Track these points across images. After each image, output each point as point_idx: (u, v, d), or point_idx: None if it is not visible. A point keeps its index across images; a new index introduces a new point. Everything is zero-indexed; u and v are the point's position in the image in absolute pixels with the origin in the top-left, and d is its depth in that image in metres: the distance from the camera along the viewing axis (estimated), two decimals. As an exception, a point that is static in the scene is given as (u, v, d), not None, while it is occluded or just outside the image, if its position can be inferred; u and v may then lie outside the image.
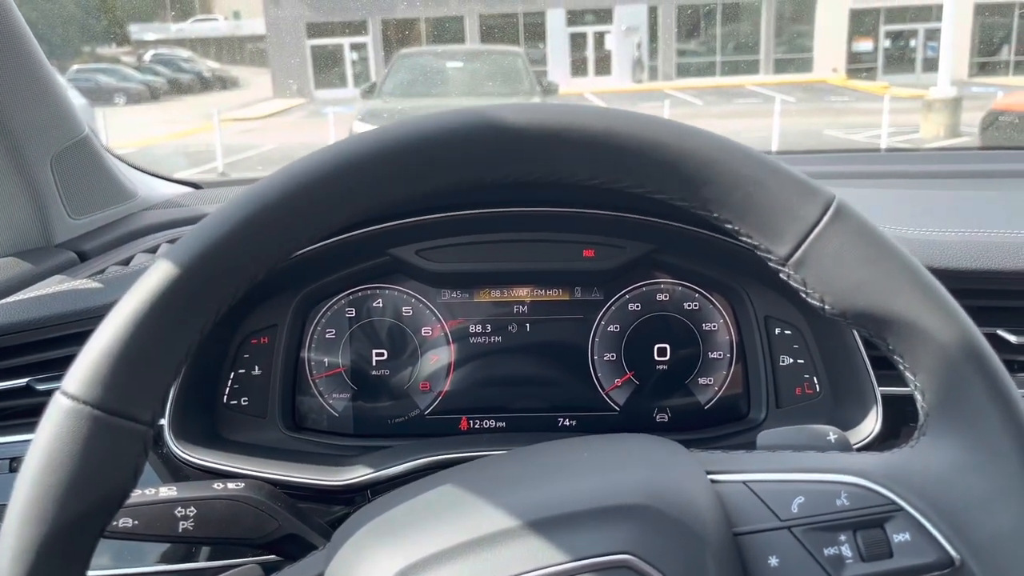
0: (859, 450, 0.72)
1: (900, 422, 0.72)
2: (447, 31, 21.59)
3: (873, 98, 13.23)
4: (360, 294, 0.92)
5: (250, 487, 0.66)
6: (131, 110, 15.35)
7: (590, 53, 21.50)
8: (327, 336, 0.92)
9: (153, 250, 0.99)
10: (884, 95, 11.32)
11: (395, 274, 0.91)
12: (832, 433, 0.51)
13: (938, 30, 12.48)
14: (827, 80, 18.74)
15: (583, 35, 21.50)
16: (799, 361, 0.83)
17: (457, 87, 7.72)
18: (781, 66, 20.77)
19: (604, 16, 21.29)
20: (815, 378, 0.81)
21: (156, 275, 0.43)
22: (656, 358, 0.90)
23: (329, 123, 9.48)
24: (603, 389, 0.91)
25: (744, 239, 0.48)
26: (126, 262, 0.95)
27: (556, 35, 21.29)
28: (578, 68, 21.42)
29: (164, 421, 0.79)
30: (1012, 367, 0.72)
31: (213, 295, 0.44)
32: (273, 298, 0.88)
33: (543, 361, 0.92)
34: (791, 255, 0.46)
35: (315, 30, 21.56)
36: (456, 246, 0.89)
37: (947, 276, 0.70)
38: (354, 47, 21.82)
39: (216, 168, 9.57)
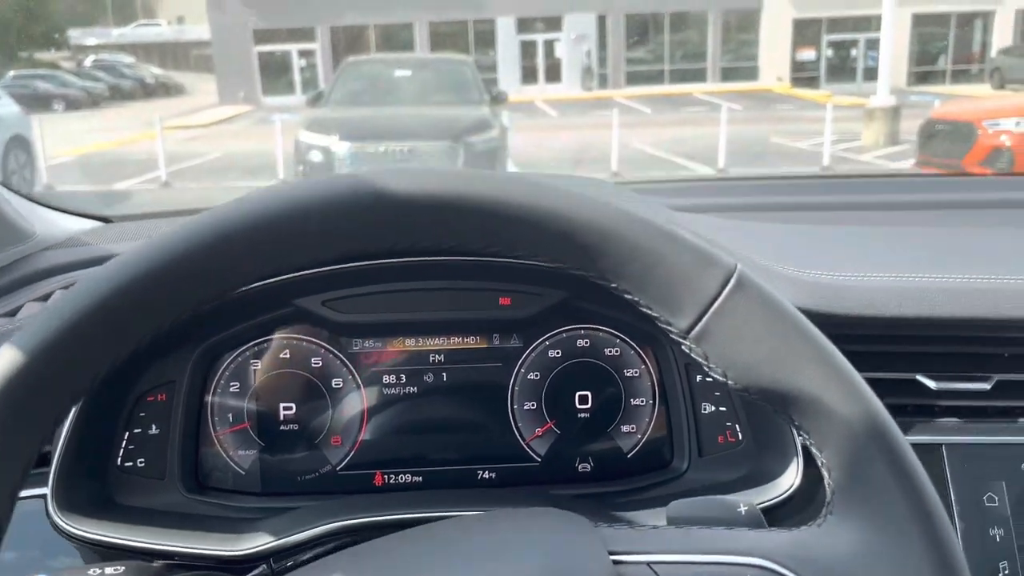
0: (780, 504, 0.70)
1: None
2: (397, 38, 21.53)
3: (817, 106, 13.53)
4: (265, 344, 0.87)
5: (130, 570, 0.61)
6: (70, 117, 14.96)
7: (540, 61, 21.63)
8: (231, 389, 0.87)
9: (45, 298, 0.93)
10: (827, 103, 11.58)
11: (303, 323, 0.87)
12: (743, 506, 0.49)
13: (878, 40, 12.81)
14: (772, 88, 19.12)
15: (533, 43, 21.63)
16: (721, 409, 0.81)
17: (405, 96, 7.68)
18: (728, 74, 21.15)
19: (554, 24, 21.43)
20: (737, 426, 0.80)
21: None
22: (578, 406, 0.87)
23: (276, 131, 9.34)
24: (523, 439, 0.88)
25: (644, 310, 0.46)
26: (13, 312, 0.89)
27: (506, 43, 21.38)
28: (528, 75, 21.53)
29: (47, 490, 0.73)
30: (933, 411, 0.71)
31: (60, 389, 0.40)
32: (170, 353, 0.82)
33: (461, 411, 0.88)
34: (691, 329, 0.45)
35: (262, 36, 21.29)
36: (366, 296, 0.85)
37: (863, 323, 0.68)
38: (302, 54, 21.61)
39: (159, 177, 9.36)
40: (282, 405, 0.87)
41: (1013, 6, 20.15)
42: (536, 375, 0.88)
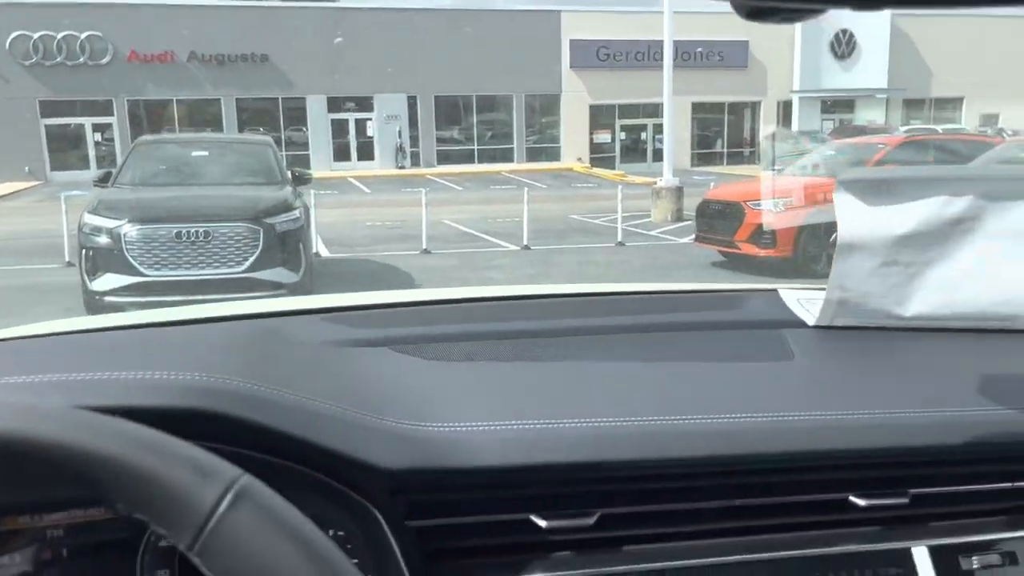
0: None
1: None
2: (202, 114, 20.85)
3: (613, 185, 14.48)
4: None
5: None
6: None
7: (352, 139, 21.74)
8: None
9: None
10: (619, 183, 12.44)
11: None
12: None
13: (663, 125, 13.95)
14: (573, 168, 20.36)
15: (344, 121, 21.74)
16: (354, 561, 0.71)
17: (202, 176, 7.42)
18: (533, 155, 22.29)
19: (365, 104, 21.70)
20: None
21: None
22: None
23: (61, 209, 8.74)
24: None
25: (155, 529, 0.44)
26: None
27: (317, 121, 21.36)
28: (341, 153, 21.57)
29: None
30: (548, 547, 0.75)
31: None
32: None
33: None
34: (192, 545, 0.43)
35: (51, 109, 19.95)
36: None
37: (472, 473, 0.71)
38: (97, 127, 20.42)
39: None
40: None
41: (775, 97, 22.85)
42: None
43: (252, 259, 6.29)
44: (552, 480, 0.74)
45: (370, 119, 21.63)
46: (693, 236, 8.95)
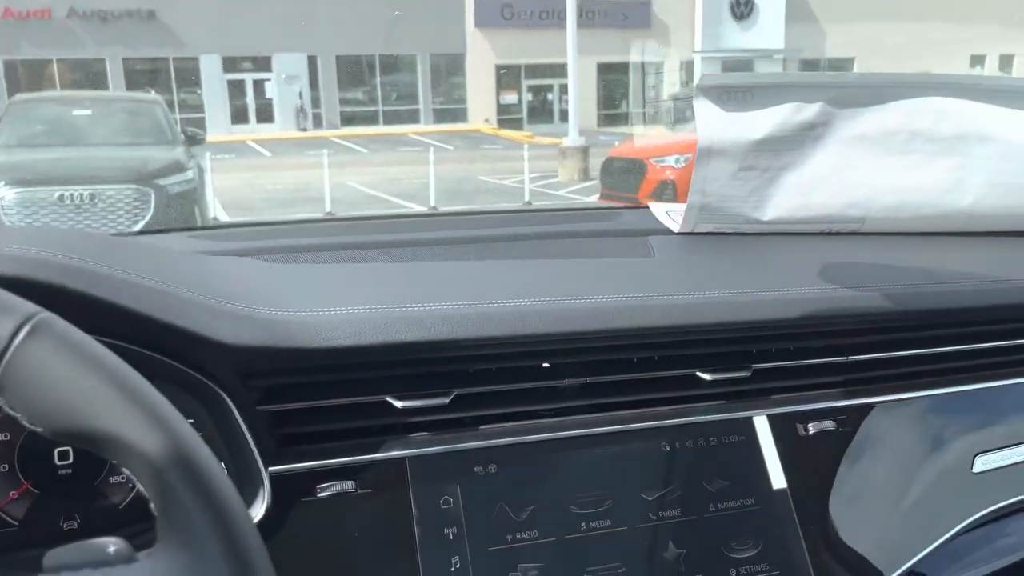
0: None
1: (295, 496, 0.70)
2: (86, 75, 19.72)
3: (521, 146, 14.50)
4: None
5: None
6: None
7: (250, 101, 20.98)
8: None
9: None
10: (526, 144, 12.48)
11: None
12: (112, 546, 0.48)
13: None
14: (481, 129, 20.24)
15: (241, 82, 20.92)
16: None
17: (86, 137, 7.04)
18: (440, 116, 22.02)
19: (263, 64, 20.92)
20: (223, 463, 0.73)
21: None
22: (57, 463, 0.76)
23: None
24: None
25: None
26: None
27: (212, 81, 20.45)
28: (239, 115, 20.76)
29: None
30: (400, 429, 0.75)
31: None
32: None
33: None
34: None
35: (-83, 69, 18.48)
36: None
37: (321, 354, 0.69)
38: (-30, 89, 19.06)
39: None
40: None
41: (678, 57, 23.22)
42: (5, 435, 0.76)
43: (143, 223, 6.05)
44: (404, 361, 0.73)
45: (269, 80, 20.90)
46: (598, 195, 9.08)
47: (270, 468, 0.70)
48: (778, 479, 0.78)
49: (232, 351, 0.66)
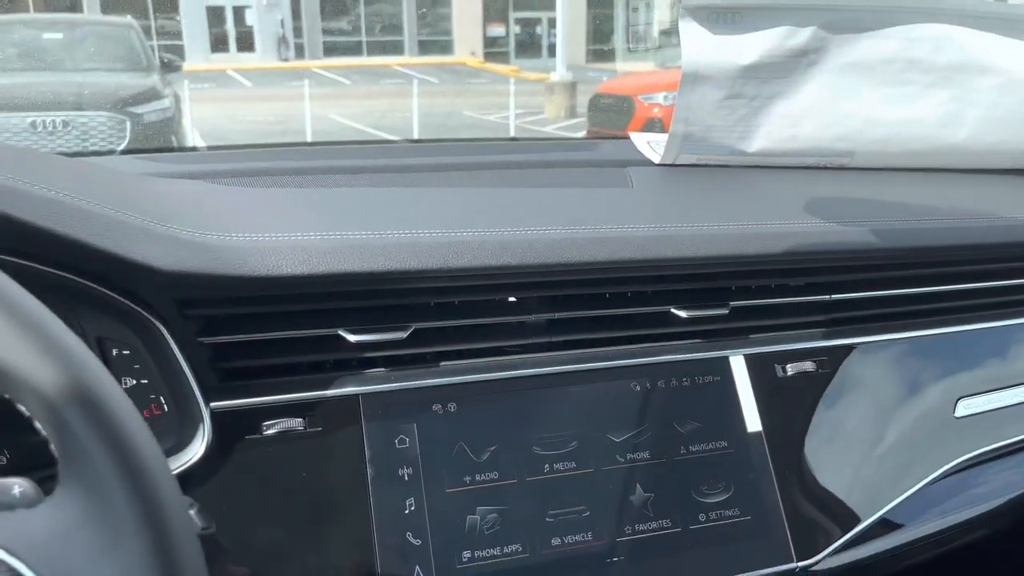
0: (187, 474, 0.64)
1: (240, 434, 0.67)
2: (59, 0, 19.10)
3: (507, 80, 14.24)
4: None
5: None
6: None
7: (231, 28, 20.38)
8: None
9: None
10: (512, 78, 12.25)
11: None
12: (17, 487, 0.44)
13: (558, 19, 13.71)
14: (467, 62, 19.81)
15: (221, 9, 20.29)
16: (143, 382, 0.72)
17: (56, 62, 6.82)
18: (425, 48, 21.51)
19: (243, -11, 20.30)
20: (161, 398, 0.71)
21: None
22: None
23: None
24: None
25: None
26: None
27: (191, 7, 19.83)
28: (219, 44, 20.19)
29: None
30: (354, 364, 0.71)
31: None
32: None
33: None
34: None
35: None
36: None
37: (273, 283, 0.65)
38: (-63, 10, 18.37)
39: None
40: None
41: (670, -7, 22.70)
42: None
43: (118, 151, 5.90)
44: (359, 292, 0.68)
45: (249, 7, 20.28)
46: (585, 132, 8.97)
47: (212, 404, 0.66)
48: (753, 421, 0.75)
49: (167, 276, 0.61)
